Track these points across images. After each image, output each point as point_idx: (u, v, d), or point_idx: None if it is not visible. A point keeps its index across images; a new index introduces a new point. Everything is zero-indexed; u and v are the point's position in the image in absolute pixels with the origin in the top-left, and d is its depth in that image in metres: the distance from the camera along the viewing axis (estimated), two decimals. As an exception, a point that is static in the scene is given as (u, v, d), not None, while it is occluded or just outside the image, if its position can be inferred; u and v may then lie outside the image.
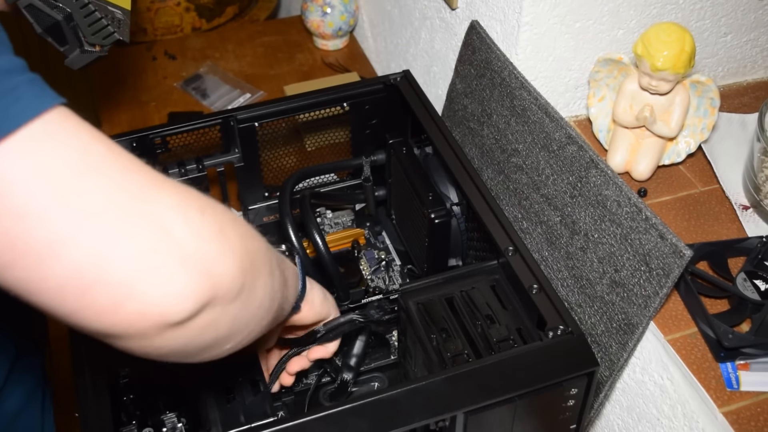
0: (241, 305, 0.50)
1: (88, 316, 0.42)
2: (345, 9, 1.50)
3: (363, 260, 1.02)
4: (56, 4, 0.68)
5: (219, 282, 0.46)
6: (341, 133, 1.06)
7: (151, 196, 0.44)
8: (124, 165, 0.44)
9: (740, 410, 0.69)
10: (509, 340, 0.72)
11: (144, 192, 0.44)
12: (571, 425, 0.72)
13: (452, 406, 0.64)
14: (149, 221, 0.43)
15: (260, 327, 0.57)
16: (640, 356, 0.80)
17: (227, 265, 0.47)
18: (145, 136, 0.92)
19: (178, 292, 0.43)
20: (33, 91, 0.41)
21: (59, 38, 0.70)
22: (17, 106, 0.40)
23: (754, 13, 1.00)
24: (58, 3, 0.68)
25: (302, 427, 0.61)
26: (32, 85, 0.41)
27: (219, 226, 0.47)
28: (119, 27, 0.73)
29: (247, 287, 0.50)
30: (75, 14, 0.69)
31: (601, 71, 0.90)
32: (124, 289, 0.42)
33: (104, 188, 0.42)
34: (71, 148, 0.41)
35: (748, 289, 0.76)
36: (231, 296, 0.48)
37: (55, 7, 0.68)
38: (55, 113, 0.41)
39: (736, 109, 1.01)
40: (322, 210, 1.08)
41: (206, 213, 0.47)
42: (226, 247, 0.47)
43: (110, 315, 0.42)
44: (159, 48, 1.56)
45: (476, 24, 1.01)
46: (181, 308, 0.43)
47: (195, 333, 0.46)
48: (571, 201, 0.83)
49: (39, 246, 0.40)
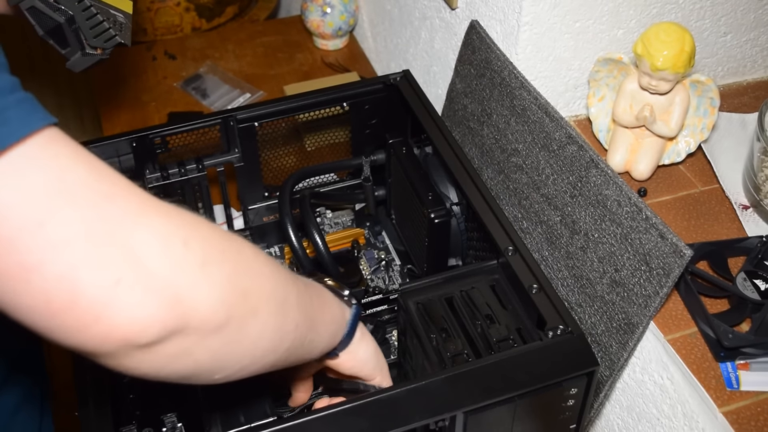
0: (226, 340, 0.50)
1: (60, 335, 0.43)
2: (345, 9, 1.50)
3: (363, 260, 1.02)
4: (58, 7, 0.68)
5: (190, 311, 0.46)
6: (341, 133, 1.06)
7: (130, 225, 0.44)
8: (106, 191, 0.44)
9: (740, 410, 0.69)
10: (509, 340, 0.72)
11: (123, 220, 0.44)
12: (571, 425, 0.72)
13: (452, 405, 0.64)
14: (122, 251, 0.43)
15: (264, 363, 0.56)
16: (640, 356, 0.80)
17: (203, 294, 0.46)
18: (145, 136, 0.92)
19: (142, 317, 0.44)
20: (20, 113, 0.41)
21: (61, 41, 0.70)
22: (2, 129, 0.40)
23: (753, 12, 1.00)
24: (60, 5, 0.68)
25: (302, 427, 0.61)
26: (20, 108, 0.41)
27: (202, 258, 0.47)
28: (121, 30, 0.73)
29: (234, 321, 0.49)
30: (77, 17, 0.69)
31: (601, 71, 0.90)
32: (90, 314, 0.42)
33: (80, 216, 0.42)
34: (51, 173, 0.41)
35: (748, 289, 0.76)
36: (209, 328, 0.47)
37: (57, 9, 0.68)
38: (40, 137, 0.41)
39: (736, 108, 1.01)
40: (322, 210, 1.08)
41: (190, 245, 0.46)
42: (205, 278, 0.47)
43: (79, 335, 0.43)
44: (159, 48, 1.56)
45: (476, 24, 1.01)
46: (144, 333, 0.44)
47: (166, 359, 0.47)
48: (571, 201, 0.83)
49: (11, 270, 0.41)
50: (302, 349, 0.61)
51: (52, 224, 0.41)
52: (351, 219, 1.08)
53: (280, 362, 0.58)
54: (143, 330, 0.44)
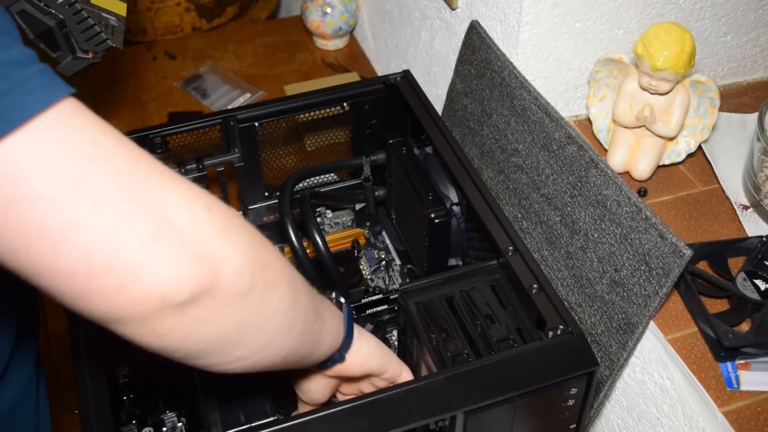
0: (250, 308, 0.51)
1: (95, 299, 0.44)
2: (345, 9, 1.50)
3: (363, 260, 1.02)
4: (49, 11, 0.67)
5: (219, 270, 0.47)
6: (341, 133, 1.06)
7: (158, 188, 0.46)
8: (134, 158, 0.46)
9: (740, 410, 0.69)
10: (509, 340, 0.72)
11: (152, 184, 0.46)
12: (570, 425, 0.72)
13: (452, 405, 0.64)
14: (155, 211, 0.45)
15: (281, 347, 0.57)
16: (640, 356, 0.80)
17: (229, 256, 0.48)
18: (145, 136, 0.92)
19: (178, 274, 0.45)
20: (45, 81, 0.42)
21: (51, 44, 0.70)
22: (31, 96, 0.41)
23: (754, 13, 1.00)
24: (50, 9, 0.68)
25: (302, 426, 0.61)
26: (44, 76, 0.43)
27: (224, 224, 0.49)
28: (113, 34, 0.73)
29: (257, 289, 0.51)
30: (67, 20, 0.69)
31: (601, 71, 0.90)
32: (129, 273, 0.44)
33: (114, 178, 0.44)
34: (83, 137, 0.43)
35: (748, 289, 0.76)
36: (235, 291, 0.49)
37: (48, 13, 0.68)
38: (66, 104, 0.43)
39: (736, 108, 1.01)
40: (322, 210, 1.08)
41: (213, 211, 0.48)
42: (229, 242, 0.48)
43: (115, 298, 0.44)
44: (159, 48, 1.56)
45: (476, 24, 1.01)
46: (180, 290, 0.45)
47: (195, 323, 0.47)
48: (571, 201, 0.83)
49: (51, 231, 0.42)
50: (311, 340, 0.61)
51: (90, 185, 0.42)
52: (351, 219, 1.08)
53: (294, 352, 0.59)
54: (179, 287, 0.45)
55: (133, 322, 0.46)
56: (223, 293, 0.48)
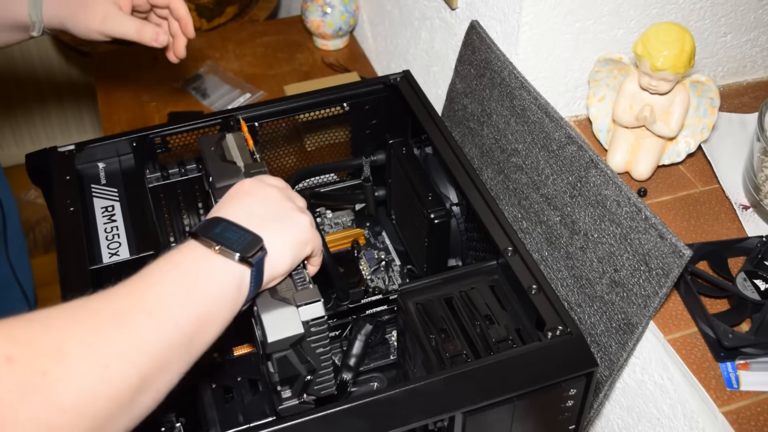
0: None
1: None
2: (345, 9, 1.50)
3: (363, 260, 1.02)
4: (306, 359, 0.68)
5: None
6: (341, 133, 1.06)
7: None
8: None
9: (740, 410, 0.69)
10: (508, 341, 0.72)
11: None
12: (570, 426, 0.72)
13: (451, 406, 0.64)
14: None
15: (172, 378, 0.55)
16: (640, 356, 0.80)
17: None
18: (146, 136, 0.92)
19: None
20: None
21: (289, 385, 0.69)
22: None
23: (753, 13, 0.99)
24: (308, 358, 0.68)
25: (301, 427, 0.62)
26: None
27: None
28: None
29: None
30: (317, 368, 0.69)
31: (601, 71, 0.90)
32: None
33: None
34: None
35: (748, 289, 0.76)
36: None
37: (306, 362, 0.68)
38: None
39: (736, 109, 1.01)
40: (322, 210, 1.08)
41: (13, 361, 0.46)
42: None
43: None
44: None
45: (476, 24, 1.01)
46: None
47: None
48: (571, 201, 0.83)
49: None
50: (203, 340, 0.58)
51: None
52: (351, 219, 1.08)
53: (190, 358, 0.57)
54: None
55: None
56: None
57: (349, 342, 0.89)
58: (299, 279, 0.68)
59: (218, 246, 0.60)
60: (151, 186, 0.93)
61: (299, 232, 0.66)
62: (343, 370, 0.87)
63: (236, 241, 0.60)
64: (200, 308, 0.57)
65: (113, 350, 0.50)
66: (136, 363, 0.51)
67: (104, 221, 0.83)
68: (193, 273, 0.58)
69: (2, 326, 0.47)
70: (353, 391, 0.89)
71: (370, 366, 0.92)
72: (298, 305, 0.65)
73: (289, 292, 0.67)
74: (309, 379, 0.69)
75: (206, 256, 0.60)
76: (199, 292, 0.58)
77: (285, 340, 0.64)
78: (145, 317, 0.53)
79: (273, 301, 0.66)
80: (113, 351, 0.50)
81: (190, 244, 0.60)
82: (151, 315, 0.54)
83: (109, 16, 0.74)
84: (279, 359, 0.66)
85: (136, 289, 0.56)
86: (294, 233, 0.66)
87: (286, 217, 0.66)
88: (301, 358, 0.67)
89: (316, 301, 0.66)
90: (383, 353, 0.93)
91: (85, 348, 0.49)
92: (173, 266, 0.58)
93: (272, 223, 0.65)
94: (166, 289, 0.56)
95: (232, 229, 0.61)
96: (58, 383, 0.47)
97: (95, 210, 0.85)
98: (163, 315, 0.55)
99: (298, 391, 0.68)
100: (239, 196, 0.67)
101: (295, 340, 0.65)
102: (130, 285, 0.56)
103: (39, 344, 0.47)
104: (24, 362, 0.46)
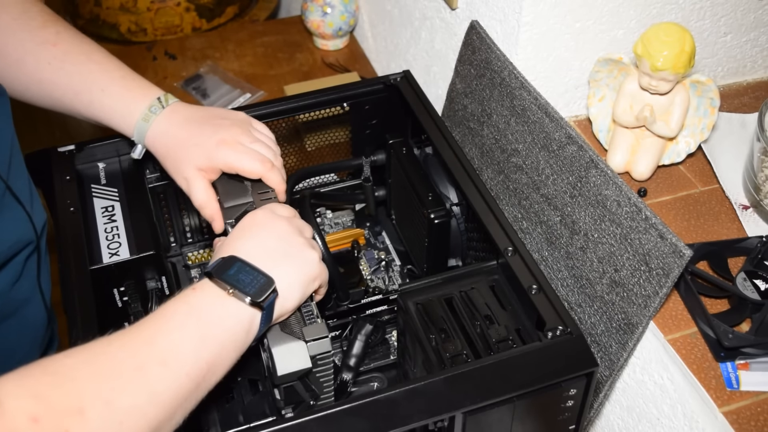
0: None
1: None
2: (345, 9, 1.49)
3: (363, 260, 1.02)
4: (311, 388, 0.70)
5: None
6: (341, 133, 1.06)
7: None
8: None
9: (740, 410, 0.69)
10: (508, 341, 0.72)
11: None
12: (570, 425, 0.72)
13: (451, 406, 0.64)
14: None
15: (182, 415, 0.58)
16: (640, 356, 0.80)
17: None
18: (145, 136, 0.92)
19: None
20: None
21: (293, 408, 0.71)
22: None
23: (753, 13, 0.99)
24: (313, 387, 0.70)
25: (301, 427, 0.62)
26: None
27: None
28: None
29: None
30: (320, 394, 0.71)
31: (601, 71, 0.90)
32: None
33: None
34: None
35: (748, 289, 0.76)
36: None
37: (310, 390, 0.70)
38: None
39: (736, 109, 1.01)
40: (322, 210, 1.08)
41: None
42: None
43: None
44: (159, 48, 1.56)
45: (476, 24, 1.01)
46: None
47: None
48: (571, 201, 0.83)
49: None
50: (209, 383, 0.60)
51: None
52: (351, 219, 1.08)
53: (195, 399, 0.59)
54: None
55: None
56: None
57: (349, 342, 0.89)
58: (307, 313, 0.70)
59: (232, 290, 0.62)
60: (151, 186, 0.93)
61: (308, 268, 0.68)
62: (343, 370, 0.87)
63: (249, 284, 0.63)
64: (211, 355, 0.59)
65: (129, 405, 0.53)
66: (148, 414, 0.54)
67: (104, 221, 0.83)
68: (206, 318, 0.61)
69: (25, 381, 0.50)
70: (353, 391, 0.89)
71: (370, 366, 0.92)
72: (307, 341, 0.67)
73: (298, 326, 0.68)
74: (312, 403, 0.70)
75: (220, 298, 0.62)
76: (212, 338, 0.60)
77: (294, 373, 0.66)
78: (160, 368, 0.56)
79: (282, 334, 0.68)
80: (129, 405, 0.54)
81: (205, 285, 0.63)
82: (166, 365, 0.56)
83: (190, 180, 0.76)
84: (286, 388, 0.68)
85: (155, 334, 0.58)
86: (304, 270, 0.68)
87: (296, 254, 0.68)
88: (306, 387, 0.69)
89: (324, 337, 0.67)
90: (383, 353, 0.93)
91: (103, 405, 0.52)
92: (189, 309, 0.61)
93: (284, 260, 0.67)
94: (182, 335, 0.59)
95: (246, 270, 0.64)
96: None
97: (95, 210, 0.85)
98: (177, 365, 0.57)
99: (301, 414, 0.69)
100: (252, 229, 0.70)
101: (303, 373, 0.67)
102: (149, 329, 0.58)
103: (61, 402, 0.50)
104: (48, 422, 0.49)
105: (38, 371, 0.51)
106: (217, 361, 0.60)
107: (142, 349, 0.57)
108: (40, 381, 0.51)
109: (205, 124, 0.77)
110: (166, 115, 0.78)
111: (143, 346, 0.57)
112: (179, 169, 0.76)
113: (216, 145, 0.75)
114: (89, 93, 0.79)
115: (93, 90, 0.79)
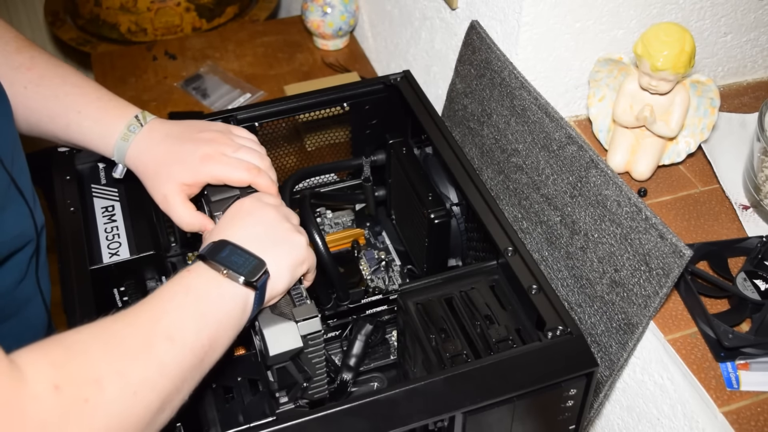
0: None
1: None
2: (345, 9, 1.50)
3: (363, 260, 1.02)
4: (303, 368, 0.71)
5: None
6: (341, 133, 1.06)
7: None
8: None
9: (740, 410, 0.69)
10: (508, 341, 0.72)
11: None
12: (570, 425, 0.72)
13: (451, 406, 0.64)
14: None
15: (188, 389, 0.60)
16: (640, 356, 0.80)
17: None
18: (145, 136, 0.92)
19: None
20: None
21: (286, 390, 0.72)
22: None
23: (754, 13, 0.99)
24: (305, 368, 0.71)
25: (301, 427, 0.62)
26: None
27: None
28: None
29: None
30: (313, 375, 0.72)
31: (601, 71, 0.90)
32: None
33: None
34: None
35: (748, 289, 0.76)
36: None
37: (303, 371, 0.71)
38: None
39: (736, 109, 1.01)
40: (322, 210, 1.08)
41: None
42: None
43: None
44: (159, 48, 1.56)
45: (476, 24, 1.01)
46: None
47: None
48: (571, 201, 0.83)
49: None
50: (211, 359, 0.62)
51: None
52: (351, 219, 1.08)
53: (196, 376, 0.61)
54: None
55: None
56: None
57: (349, 342, 0.89)
58: (296, 295, 0.71)
59: (226, 270, 0.64)
60: (151, 186, 0.93)
61: (296, 252, 0.70)
62: (343, 370, 0.87)
63: (242, 265, 0.64)
64: (211, 331, 0.61)
65: (141, 376, 0.55)
66: (158, 387, 0.56)
67: (104, 221, 0.83)
68: (204, 297, 0.63)
69: (44, 353, 0.52)
70: (353, 391, 0.89)
71: (370, 366, 0.92)
72: (297, 321, 0.69)
73: (288, 308, 0.70)
74: (305, 385, 0.71)
75: (215, 279, 0.64)
76: (211, 316, 0.62)
77: (285, 353, 0.68)
78: (167, 343, 0.58)
79: (273, 316, 0.70)
80: (141, 377, 0.55)
81: (200, 267, 0.64)
82: (171, 340, 0.58)
83: (168, 197, 0.76)
84: (278, 369, 0.69)
85: (158, 313, 0.60)
86: (292, 254, 0.70)
87: (284, 239, 0.70)
88: (298, 367, 0.70)
89: (314, 316, 0.69)
90: (383, 353, 0.93)
91: (118, 377, 0.53)
92: (186, 290, 0.63)
93: (272, 245, 0.69)
94: (183, 313, 0.61)
95: (237, 253, 0.66)
96: (97, 410, 0.51)
97: (95, 210, 0.85)
98: (181, 340, 0.59)
99: (295, 396, 0.71)
100: (240, 216, 0.71)
101: (294, 353, 0.68)
102: (151, 309, 0.60)
103: (79, 372, 0.52)
104: (69, 390, 0.50)
105: (52, 345, 0.53)
106: (216, 338, 0.62)
107: (148, 326, 0.58)
108: (56, 352, 0.52)
109: (186, 140, 0.77)
110: (146, 133, 0.78)
111: (148, 323, 0.59)
112: (158, 187, 0.76)
113: (200, 161, 0.75)
114: (65, 116, 0.79)
115: (69, 113, 0.79)
